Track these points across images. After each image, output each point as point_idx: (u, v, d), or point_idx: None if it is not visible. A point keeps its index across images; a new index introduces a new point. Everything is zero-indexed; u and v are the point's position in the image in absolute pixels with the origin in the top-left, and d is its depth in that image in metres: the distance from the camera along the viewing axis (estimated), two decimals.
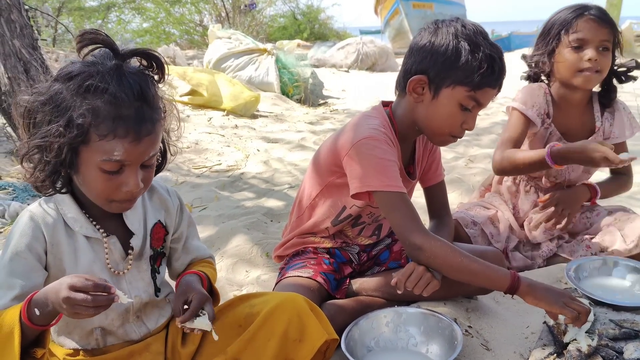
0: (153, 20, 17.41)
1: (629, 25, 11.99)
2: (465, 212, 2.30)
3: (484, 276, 1.61)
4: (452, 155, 4.15)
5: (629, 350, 1.54)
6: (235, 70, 7.67)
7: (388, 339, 1.73)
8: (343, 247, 2.00)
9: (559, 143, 2.09)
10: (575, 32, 2.08)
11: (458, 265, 1.61)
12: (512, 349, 1.71)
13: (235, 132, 5.09)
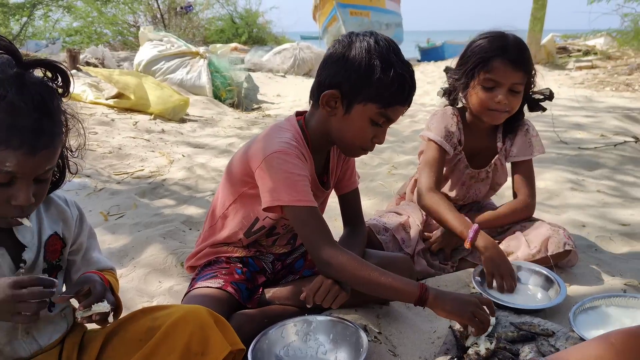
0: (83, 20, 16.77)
1: (551, 38, 12.63)
2: (378, 219, 2.34)
3: (392, 290, 1.64)
4: (377, 162, 4.22)
5: (525, 352, 1.61)
6: (166, 73, 7.50)
7: (298, 347, 1.73)
8: (257, 256, 1.99)
9: (478, 227, 2.10)
10: (489, 73, 2.10)
11: (366, 280, 1.63)
12: (418, 354, 1.74)
13: (161, 137, 4.96)
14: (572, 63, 11.74)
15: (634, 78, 9.22)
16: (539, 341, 1.66)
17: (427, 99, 7.78)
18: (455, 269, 2.31)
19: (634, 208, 3.03)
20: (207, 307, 1.53)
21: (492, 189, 2.47)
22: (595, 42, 13.56)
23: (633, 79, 9.11)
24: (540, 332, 1.71)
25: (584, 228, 2.73)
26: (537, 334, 1.70)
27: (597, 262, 2.35)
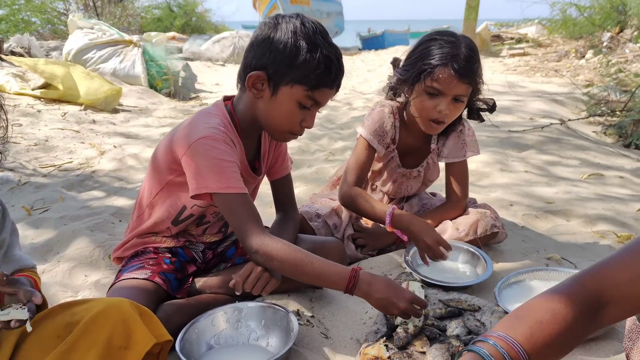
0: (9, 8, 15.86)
1: (485, 27, 12.99)
2: (310, 206, 2.33)
3: (320, 278, 1.62)
4: (315, 148, 4.22)
5: (452, 327, 1.65)
6: (97, 63, 7.21)
7: (229, 335, 1.70)
8: (186, 245, 1.94)
9: (397, 208, 2.15)
10: (434, 80, 2.04)
11: (294, 268, 1.61)
12: (350, 335, 1.75)
13: (92, 128, 4.77)
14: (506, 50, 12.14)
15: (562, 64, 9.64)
16: (465, 316, 1.70)
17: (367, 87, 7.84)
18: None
19: (558, 186, 3.17)
20: (132, 298, 1.48)
21: (424, 184, 2.49)
22: (527, 31, 14.08)
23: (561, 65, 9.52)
24: (467, 307, 1.76)
25: (511, 207, 2.83)
26: (464, 310, 1.75)
27: (523, 238, 2.44)
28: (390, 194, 2.47)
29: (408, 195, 2.50)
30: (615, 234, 2.45)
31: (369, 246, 2.32)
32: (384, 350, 1.53)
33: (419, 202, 2.51)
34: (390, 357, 1.49)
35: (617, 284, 1.02)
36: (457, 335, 1.59)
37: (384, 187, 2.45)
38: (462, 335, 1.59)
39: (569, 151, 3.93)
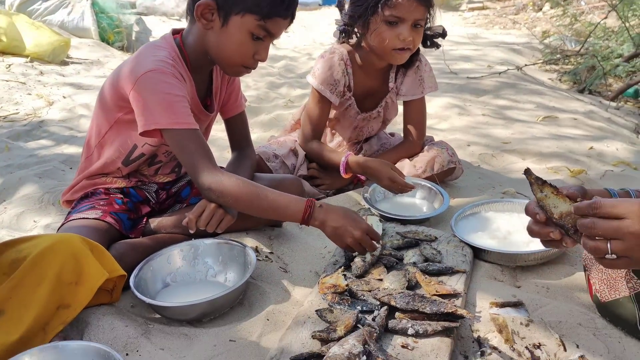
0: None
1: None
2: (267, 147, 2.30)
3: (276, 211, 1.59)
4: (274, 96, 4.14)
5: (408, 256, 1.66)
6: (44, 15, 6.82)
7: (185, 273, 1.68)
8: (139, 186, 1.88)
9: (351, 154, 2.18)
10: (392, 8, 1.99)
11: (249, 202, 1.57)
12: (309, 268, 1.75)
13: (40, 80, 4.54)
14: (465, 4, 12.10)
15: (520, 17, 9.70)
16: (422, 246, 1.72)
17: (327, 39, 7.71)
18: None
19: (514, 128, 3.21)
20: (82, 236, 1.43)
21: (384, 123, 2.48)
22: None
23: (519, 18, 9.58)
24: (423, 238, 1.78)
25: (468, 147, 2.85)
26: (421, 240, 1.77)
27: (480, 175, 2.47)
28: (353, 138, 2.45)
29: (369, 136, 2.49)
30: (568, 169, 2.51)
31: (327, 186, 2.31)
32: (342, 279, 1.53)
33: (378, 142, 2.50)
34: (348, 285, 1.50)
35: None
36: (414, 263, 1.61)
37: (345, 133, 2.43)
38: (419, 262, 1.61)
39: (525, 96, 3.98)
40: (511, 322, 1.41)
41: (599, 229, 0.96)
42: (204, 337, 1.40)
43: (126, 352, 1.33)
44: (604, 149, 2.87)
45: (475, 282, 1.61)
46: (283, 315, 1.48)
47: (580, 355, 1.30)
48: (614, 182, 2.40)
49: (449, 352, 1.24)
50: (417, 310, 1.34)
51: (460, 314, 1.32)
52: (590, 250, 0.98)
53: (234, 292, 1.47)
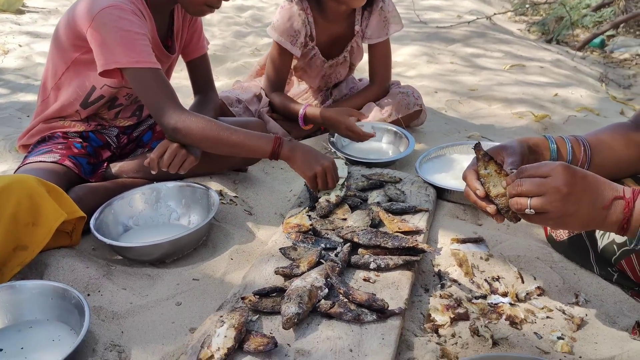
0: None
1: None
2: (231, 92, 2.25)
3: (244, 146, 1.57)
4: (240, 45, 4.04)
5: (372, 196, 1.67)
6: None
7: (148, 216, 1.65)
8: (98, 130, 1.82)
9: (312, 105, 2.16)
10: None
11: (216, 139, 1.55)
12: (274, 210, 1.75)
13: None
14: None
15: None
16: (386, 187, 1.73)
17: None
18: None
19: (482, 75, 3.21)
20: None
21: (350, 68, 2.44)
22: None
23: None
24: (388, 179, 1.78)
25: (436, 94, 2.85)
26: (386, 182, 1.77)
27: (446, 121, 2.48)
28: (321, 86, 2.41)
29: (338, 81, 2.45)
30: (532, 114, 2.53)
31: (293, 133, 2.28)
32: (306, 219, 1.53)
33: (346, 87, 2.47)
34: (312, 225, 1.50)
35: None
36: (378, 203, 1.61)
37: (312, 82, 2.38)
38: (383, 202, 1.62)
39: (493, 45, 3.98)
40: (471, 256, 1.44)
41: (524, 187, 1.02)
42: (166, 277, 1.39)
43: (87, 293, 1.32)
44: (568, 96, 2.91)
45: (437, 221, 1.63)
46: (247, 254, 1.48)
47: (537, 286, 1.34)
48: (577, 127, 2.44)
49: (410, 285, 1.27)
50: (379, 245, 1.35)
51: (422, 248, 1.33)
52: (513, 206, 1.05)
53: (197, 232, 1.46)
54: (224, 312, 1.15)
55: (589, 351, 1.15)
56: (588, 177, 1.00)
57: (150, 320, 1.24)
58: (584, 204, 0.99)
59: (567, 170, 0.99)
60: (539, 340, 1.18)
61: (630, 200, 0.99)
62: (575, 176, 0.99)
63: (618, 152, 1.34)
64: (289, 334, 1.10)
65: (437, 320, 1.23)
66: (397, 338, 1.10)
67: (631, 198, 0.99)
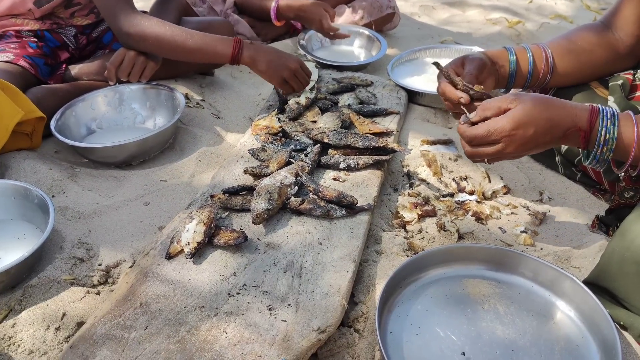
0: None
1: None
2: None
3: (202, 52, 1.49)
4: None
5: (343, 99, 1.64)
6: None
7: (111, 119, 1.60)
8: (54, 29, 1.71)
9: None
10: None
11: (171, 45, 1.47)
12: (242, 114, 1.71)
13: None
14: None
15: None
16: (358, 90, 1.69)
17: None
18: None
19: None
20: None
21: None
22: None
23: None
24: (359, 83, 1.75)
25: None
26: (357, 85, 1.74)
27: (419, 26, 2.41)
28: None
29: None
30: (506, 20, 2.48)
31: (262, 35, 2.20)
32: (276, 121, 1.50)
33: None
34: (281, 127, 1.47)
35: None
36: (349, 105, 1.59)
37: None
38: (354, 105, 1.59)
39: None
40: (440, 157, 1.44)
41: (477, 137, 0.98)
42: (133, 178, 1.37)
43: (52, 194, 1.29)
44: (543, 3, 2.85)
45: (408, 123, 1.62)
46: (215, 156, 1.46)
47: (503, 185, 1.37)
48: (549, 34, 2.41)
49: (379, 183, 1.27)
50: (349, 145, 1.34)
51: (391, 148, 1.33)
52: (473, 159, 1.03)
53: (163, 133, 1.42)
54: (193, 209, 1.14)
55: (550, 243, 1.19)
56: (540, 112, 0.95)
57: (118, 220, 1.22)
58: (539, 135, 0.95)
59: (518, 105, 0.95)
60: (503, 235, 1.21)
61: (587, 131, 0.96)
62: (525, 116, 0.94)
63: (583, 56, 1.31)
64: (259, 229, 1.10)
65: (405, 216, 1.25)
66: (365, 232, 1.11)
67: (587, 128, 0.95)
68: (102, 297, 1.01)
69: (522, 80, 1.31)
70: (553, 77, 1.32)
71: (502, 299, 1.01)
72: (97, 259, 1.11)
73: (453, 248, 1.08)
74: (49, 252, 1.10)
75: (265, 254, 1.04)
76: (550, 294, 1.01)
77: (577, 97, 1.34)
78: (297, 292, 0.95)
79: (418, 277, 1.04)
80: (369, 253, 1.12)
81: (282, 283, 0.97)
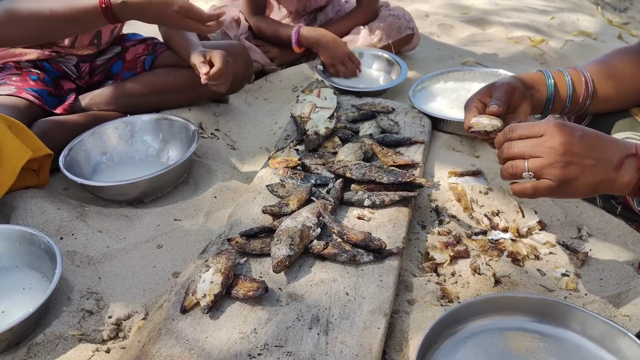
0: None
1: None
2: None
3: (71, 17, 1.22)
4: None
5: (364, 128, 1.56)
6: None
7: (123, 152, 1.54)
8: (54, 58, 1.64)
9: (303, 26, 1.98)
10: None
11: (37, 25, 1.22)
12: (259, 144, 1.64)
13: None
14: None
15: None
16: (379, 118, 1.62)
17: None
18: None
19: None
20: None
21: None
22: None
23: None
24: (380, 110, 1.67)
25: (427, 17, 2.69)
26: (378, 112, 1.66)
27: (439, 47, 2.34)
28: (300, 10, 2.23)
29: (320, 6, 2.27)
30: (529, 39, 2.40)
31: (278, 59, 2.13)
32: (294, 153, 1.43)
33: (332, 10, 2.29)
34: (300, 159, 1.40)
35: None
36: (370, 135, 1.51)
37: (289, 5, 2.19)
38: (376, 134, 1.52)
39: None
40: (470, 190, 1.36)
41: (516, 149, 0.88)
42: (146, 218, 1.30)
43: (60, 236, 1.22)
44: (564, 19, 2.77)
45: (433, 153, 1.54)
46: (232, 192, 1.39)
47: (538, 220, 1.28)
48: (575, 52, 2.32)
49: (407, 222, 1.19)
50: (373, 180, 1.26)
51: (419, 183, 1.25)
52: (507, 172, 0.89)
53: (176, 169, 1.35)
54: (209, 255, 1.07)
55: (595, 288, 1.10)
56: (588, 135, 0.86)
57: (129, 265, 1.15)
58: (588, 166, 0.84)
59: (563, 128, 0.85)
60: (542, 278, 1.12)
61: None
62: (572, 134, 0.85)
63: (625, 80, 1.23)
64: (280, 278, 1.02)
65: (436, 258, 1.16)
66: (395, 279, 1.03)
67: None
68: (113, 355, 0.94)
69: (560, 105, 1.22)
70: (593, 103, 1.23)
71: (548, 355, 0.92)
72: (107, 311, 1.03)
73: (492, 298, 0.98)
74: (56, 303, 1.03)
75: (287, 306, 0.96)
76: (602, 350, 0.92)
77: (618, 125, 1.25)
78: (325, 352, 0.86)
79: (455, 330, 0.95)
80: (400, 303, 1.03)
81: (308, 342, 0.88)
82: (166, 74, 1.68)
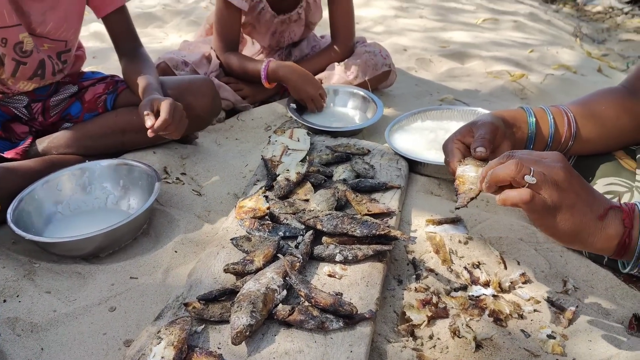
0: None
1: None
2: (176, 53, 2.00)
3: None
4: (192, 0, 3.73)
5: (338, 172, 1.48)
6: None
7: (81, 200, 1.43)
8: (1, 100, 1.55)
9: (272, 61, 1.92)
10: None
11: None
12: (227, 190, 1.55)
13: None
14: None
15: None
16: (354, 160, 1.55)
17: None
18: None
19: (454, 31, 3.01)
20: None
21: (307, 27, 2.19)
22: None
23: None
24: (355, 151, 1.60)
25: (405, 52, 2.65)
26: (353, 154, 1.59)
27: (416, 82, 2.29)
28: (273, 45, 2.17)
29: (294, 41, 2.21)
30: (509, 73, 2.36)
31: (250, 98, 2.06)
32: (263, 202, 1.34)
33: (308, 45, 2.24)
34: (269, 208, 1.31)
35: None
36: (344, 180, 1.43)
37: (262, 40, 2.13)
38: (350, 179, 1.44)
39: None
40: (449, 240, 1.28)
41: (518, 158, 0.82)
42: (100, 276, 1.19)
43: (3, 299, 1.11)
44: (544, 52, 2.75)
45: (410, 198, 1.46)
46: (194, 245, 1.29)
47: (521, 272, 1.20)
48: (555, 87, 2.29)
49: (381, 280, 1.10)
50: (346, 233, 1.18)
51: (394, 235, 1.16)
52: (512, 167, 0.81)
53: (135, 221, 1.25)
54: (163, 322, 0.97)
55: (583, 351, 1.01)
56: (581, 178, 0.83)
57: (77, 332, 1.04)
58: (581, 201, 0.80)
59: (564, 158, 0.83)
60: (527, 340, 1.04)
61: (631, 210, 0.81)
62: (572, 169, 0.82)
63: (608, 123, 1.18)
64: (241, 349, 0.92)
65: (413, 319, 1.08)
66: (367, 349, 0.94)
67: (632, 208, 0.81)
68: None
69: (542, 144, 1.17)
70: (576, 143, 1.18)
71: None
72: None
73: None
74: None
75: None
76: None
77: (603, 168, 1.20)
78: None
79: None
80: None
81: None
82: (129, 113, 1.59)
